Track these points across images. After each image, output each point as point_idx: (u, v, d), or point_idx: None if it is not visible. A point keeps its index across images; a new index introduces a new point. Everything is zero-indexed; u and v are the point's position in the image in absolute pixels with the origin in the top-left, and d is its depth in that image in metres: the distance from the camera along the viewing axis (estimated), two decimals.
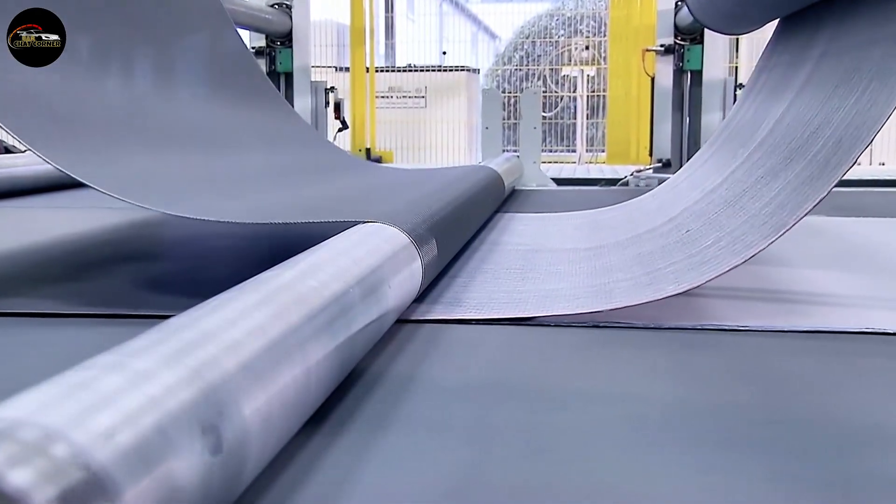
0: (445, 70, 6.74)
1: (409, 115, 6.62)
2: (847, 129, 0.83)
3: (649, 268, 0.93)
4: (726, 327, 0.81)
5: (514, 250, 1.23)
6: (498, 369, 0.70)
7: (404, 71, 6.72)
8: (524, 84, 8.02)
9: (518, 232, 1.44)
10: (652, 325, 0.82)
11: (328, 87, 4.10)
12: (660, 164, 3.59)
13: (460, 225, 1.18)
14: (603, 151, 6.27)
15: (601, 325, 0.83)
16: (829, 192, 0.78)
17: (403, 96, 6.64)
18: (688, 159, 3.47)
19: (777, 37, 1.51)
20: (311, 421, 0.54)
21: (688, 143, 3.64)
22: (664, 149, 3.64)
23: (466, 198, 1.32)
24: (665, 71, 3.60)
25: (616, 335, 0.80)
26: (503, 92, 7.24)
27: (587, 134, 7.25)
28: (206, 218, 0.92)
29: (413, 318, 0.85)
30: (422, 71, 6.69)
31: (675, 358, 0.73)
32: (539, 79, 7.88)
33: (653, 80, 3.73)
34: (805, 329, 0.81)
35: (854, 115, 0.84)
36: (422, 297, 0.92)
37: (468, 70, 6.80)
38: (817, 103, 0.97)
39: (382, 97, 6.38)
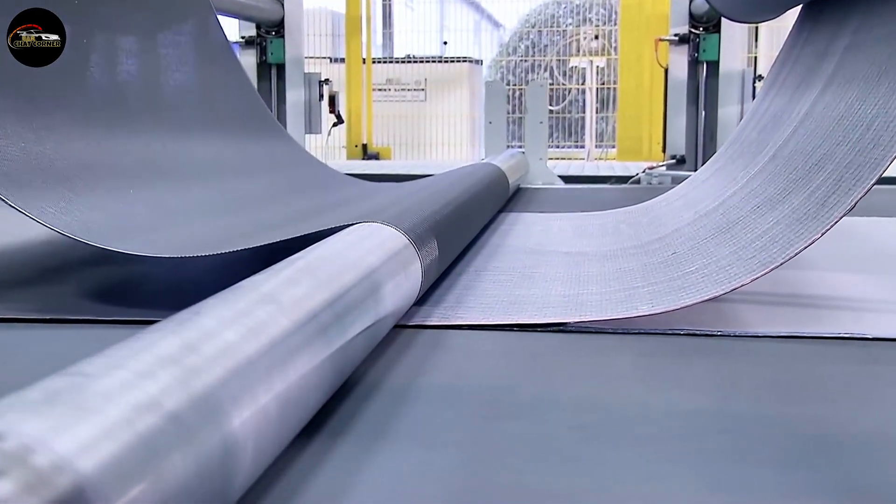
0: (446, 61, 6.75)
1: (408, 109, 6.63)
2: (854, 161, 0.85)
3: (626, 285, 0.95)
4: (749, 333, 0.82)
5: (504, 252, 1.24)
6: (501, 378, 0.70)
7: (403, 62, 6.73)
8: (530, 76, 8.03)
9: (510, 233, 1.45)
10: (669, 331, 0.82)
11: (322, 79, 4.11)
12: (673, 161, 3.59)
13: (462, 225, 1.19)
14: (613, 147, 6.27)
15: (608, 331, 0.83)
16: (822, 234, 0.81)
17: (402, 89, 6.65)
18: (703, 155, 3.50)
19: (800, 25, 1.50)
20: (305, 432, 0.54)
21: (703, 138, 3.64)
22: (678, 144, 3.64)
23: (468, 197, 1.32)
24: (679, 62, 3.60)
25: (629, 341, 0.80)
26: (507, 84, 7.25)
27: (596, 129, 7.26)
28: (187, 255, 0.91)
29: (412, 323, 0.86)
30: (421, 62, 6.70)
31: (694, 365, 0.73)
32: (545, 70, 7.89)
33: (666, 71, 3.73)
34: (833, 335, 0.81)
35: (865, 139, 0.85)
36: (421, 301, 0.92)
37: (470, 61, 6.81)
38: (834, 115, 0.98)
39: (380, 90, 6.39)
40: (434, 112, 6.67)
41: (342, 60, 5.70)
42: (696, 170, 3.47)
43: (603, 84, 7.39)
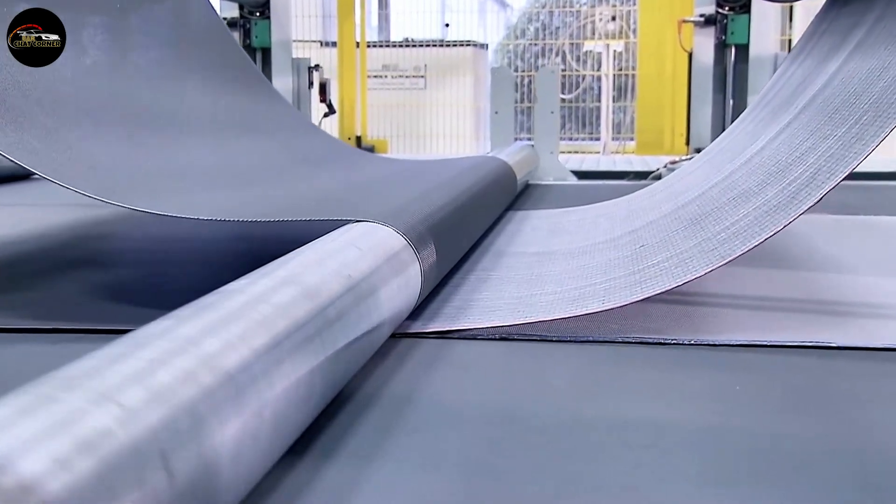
0: (448, 45, 6.76)
1: (406, 98, 6.64)
2: (835, 154, 0.89)
3: (585, 282, 0.98)
4: (769, 343, 0.82)
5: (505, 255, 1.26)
6: (505, 391, 0.70)
7: (400, 46, 6.74)
8: (540, 61, 8.04)
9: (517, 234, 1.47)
10: (684, 342, 0.83)
11: (312, 65, 4.12)
12: (698, 155, 3.59)
13: (464, 226, 1.19)
14: (632, 140, 6.27)
15: (619, 340, 0.83)
16: (784, 227, 0.84)
17: (399, 76, 6.65)
18: None
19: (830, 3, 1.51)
20: (292, 451, 0.55)
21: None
22: (703, 136, 3.64)
23: (472, 194, 1.33)
24: (705, 45, 3.60)
25: (640, 353, 0.81)
26: (515, 71, 7.26)
27: (613, 119, 7.26)
28: (177, 215, 0.92)
29: (410, 331, 0.86)
30: (421, 46, 6.71)
31: (708, 379, 0.73)
32: (557, 55, 7.90)
33: (690, 55, 3.73)
34: (861, 346, 0.81)
35: (852, 133, 0.89)
36: (420, 307, 0.93)
37: (475, 45, 6.81)
38: (829, 108, 1.01)
39: (375, 77, 6.40)
40: (434, 101, 6.68)
41: (334, 44, 5.71)
42: None
43: (620, 70, 7.40)
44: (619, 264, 1.03)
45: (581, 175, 3.16)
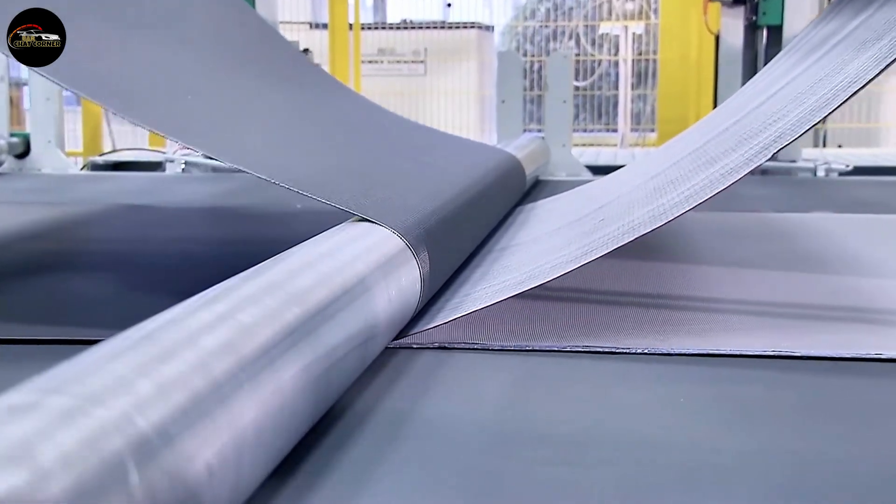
0: (451, 27, 6.76)
1: (405, 85, 6.65)
2: (761, 142, 0.94)
3: (532, 266, 1.03)
4: (799, 354, 0.82)
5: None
6: (509, 407, 0.71)
7: (398, 29, 6.74)
8: (551, 45, 8.04)
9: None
10: (704, 352, 0.83)
11: (301, 49, 4.13)
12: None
13: (468, 226, 1.19)
14: (652, 131, 6.27)
15: (633, 351, 0.84)
16: (689, 210, 0.91)
17: (397, 61, 6.66)
18: None
19: None
20: (279, 472, 0.55)
21: None
22: None
23: (477, 191, 1.33)
24: (734, 27, 3.59)
25: (655, 366, 0.81)
26: (524, 55, 7.25)
27: (632, 109, 7.26)
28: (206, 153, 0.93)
29: (408, 342, 0.86)
30: (420, 28, 6.71)
31: (731, 393, 0.73)
32: (570, 38, 7.90)
33: (717, 38, 3.73)
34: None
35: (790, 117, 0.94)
36: (420, 314, 0.93)
37: (480, 27, 6.82)
38: (792, 90, 1.04)
39: (370, 62, 6.41)
40: (435, 89, 6.68)
41: (325, 26, 5.72)
42: None
43: (640, 55, 7.40)
44: (576, 240, 1.07)
45: (596, 170, 3.16)
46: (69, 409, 0.37)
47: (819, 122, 0.88)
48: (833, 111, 0.88)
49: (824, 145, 5.21)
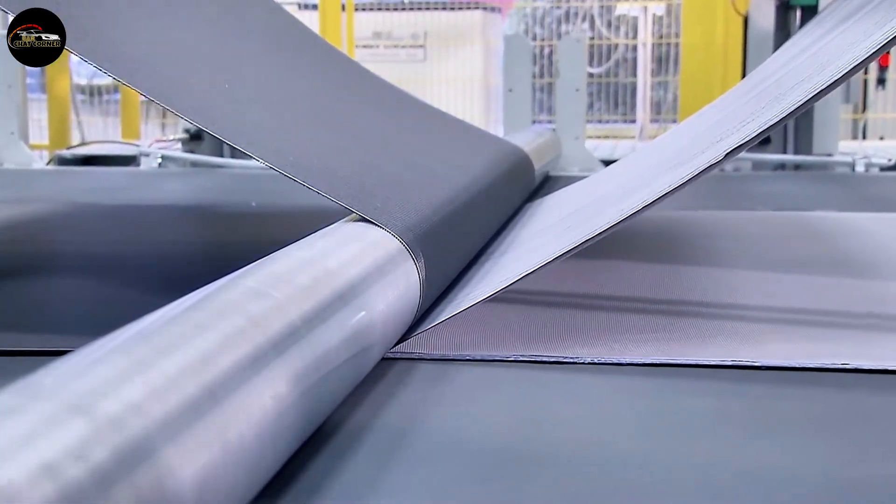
0: (453, 8, 6.76)
1: (403, 72, 6.64)
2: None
3: (501, 276, 1.03)
4: (833, 366, 0.83)
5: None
6: (514, 423, 0.71)
7: (395, 10, 6.75)
8: (563, 28, 8.04)
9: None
10: (727, 363, 0.84)
11: None
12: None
13: (472, 226, 1.19)
14: (674, 122, 6.26)
15: (651, 363, 0.84)
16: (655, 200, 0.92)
17: (394, 46, 6.66)
18: (796, 131, 3.50)
19: None
20: (265, 494, 0.55)
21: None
22: None
23: (481, 189, 1.33)
24: (764, 7, 3.59)
25: (681, 379, 0.81)
26: (533, 39, 7.25)
27: (652, 97, 7.26)
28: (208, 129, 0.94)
29: (407, 352, 0.87)
30: (420, 10, 6.71)
31: (772, 408, 0.74)
32: (584, 20, 7.90)
33: (746, 20, 3.73)
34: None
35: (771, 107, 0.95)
36: (419, 322, 0.93)
37: (485, 8, 6.82)
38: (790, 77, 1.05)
39: (365, 47, 6.40)
40: (436, 76, 6.68)
41: (315, 7, 5.72)
42: (784, 151, 3.49)
43: (661, 38, 7.39)
44: (540, 248, 1.09)
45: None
46: (48, 418, 0.37)
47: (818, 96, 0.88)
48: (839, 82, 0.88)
49: (864, 137, 5.20)
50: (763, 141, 3.59)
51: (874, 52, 0.86)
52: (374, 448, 0.65)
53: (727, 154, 0.90)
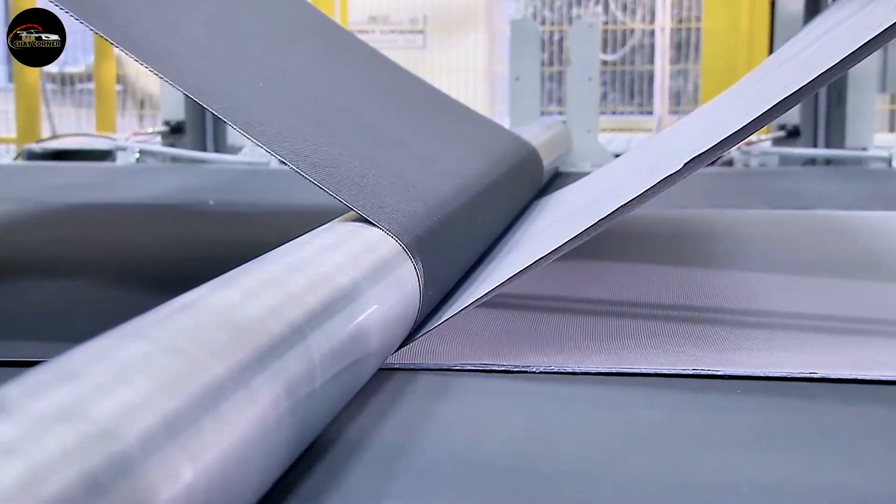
0: None
1: (400, 60, 6.63)
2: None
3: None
4: (866, 378, 0.83)
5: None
6: (527, 441, 0.71)
7: None
8: (574, 11, 8.05)
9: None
10: (751, 374, 0.84)
11: None
12: (783, 134, 3.59)
13: (475, 226, 1.20)
14: None
15: (667, 373, 0.84)
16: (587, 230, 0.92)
17: (391, 31, 6.67)
18: (827, 124, 3.50)
19: None
20: None
21: (827, 99, 3.64)
22: (789, 110, 3.64)
23: (486, 185, 1.33)
24: None
25: (699, 391, 0.81)
26: (542, 23, 7.26)
27: (671, 87, 7.26)
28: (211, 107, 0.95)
29: (405, 362, 0.87)
30: None
31: (812, 424, 0.74)
32: (597, 3, 7.91)
33: (773, 3, 3.73)
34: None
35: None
36: (418, 330, 0.93)
37: None
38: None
39: (360, 32, 6.40)
40: (437, 64, 6.68)
41: None
42: (814, 145, 3.49)
43: (680, 23, 7.40)
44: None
45: None
46: (15, 438, 0.37)
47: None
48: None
49: None
50: (791, 133, 3.59)
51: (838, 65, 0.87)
52: (370, 466, 0.65)
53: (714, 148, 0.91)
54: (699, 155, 0.90)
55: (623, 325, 1.01)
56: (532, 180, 1.88)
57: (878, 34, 0.85)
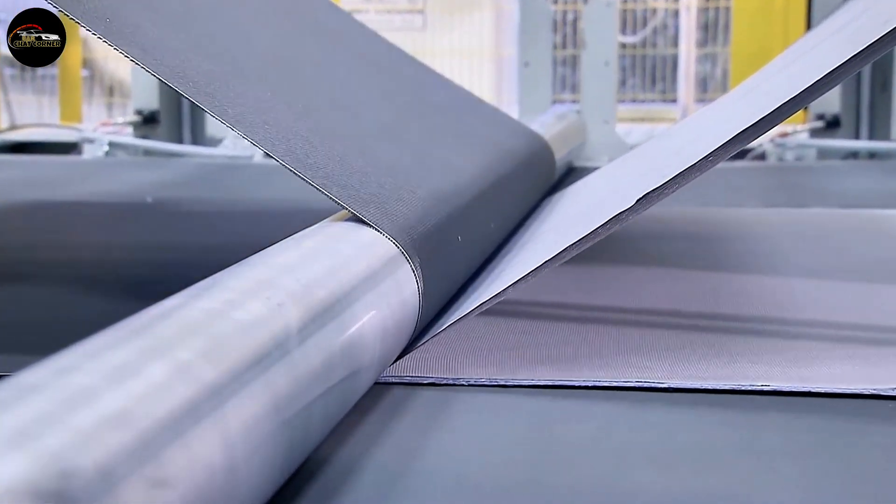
0: None
1: (398, 43, 6.65)
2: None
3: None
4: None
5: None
6: (530, 460, 0.72)
7: None
8: None
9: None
10: (780, 389, 0.84)
11: None
12: (822, 124, 3.59)
13: (480, 227, 1.20)
14: None
15: (685, 388, 0.85)
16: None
17: (388, 12, 6.67)
18: (870, 114, 3.50)
19: None
20: None
21: (870, 87, 3.63)
22: (828, 98, 3.64)
23: (492, 181, 1.34)
24: None
25: (717, 407, 0.82)
26: (554, 3, 7.26)
27: (697, 73, 7.26)
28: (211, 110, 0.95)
29: (403, 376, 0.88)
30: None
31: (829, 441, 0.75)
32: None
33: None
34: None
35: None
36: (417, 340, 0.94)
37: None
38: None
39: (354, 11, 6.42)
40: (438, 47, 6.69)
41: None
42: (856, 136, 3.49)
43: (708, 1, 7.41)
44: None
45: None
46: None
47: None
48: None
49: None
50: (830, 124, 3.60)
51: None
52: (366, 488, 0.66)
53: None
54: (717, 149, 0.91)
55: (638, 335, 1.01)
56: (543, 175, 1.88)
57: None
